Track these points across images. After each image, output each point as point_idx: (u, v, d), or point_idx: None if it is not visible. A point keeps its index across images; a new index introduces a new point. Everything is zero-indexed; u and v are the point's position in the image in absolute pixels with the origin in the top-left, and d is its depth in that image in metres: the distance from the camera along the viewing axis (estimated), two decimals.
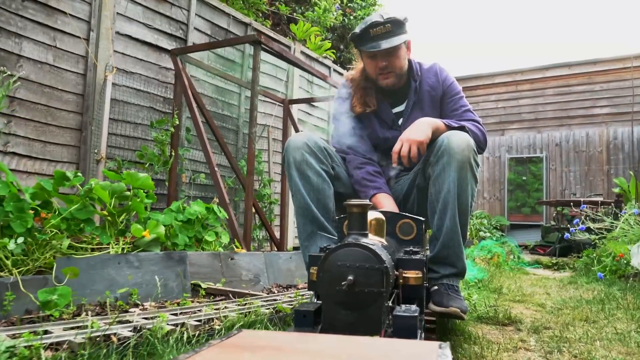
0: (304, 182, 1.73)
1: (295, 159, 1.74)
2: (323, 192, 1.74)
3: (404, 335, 1.01)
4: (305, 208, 1.72)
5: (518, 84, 10.98)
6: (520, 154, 10.57)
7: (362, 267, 1.09)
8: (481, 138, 1.88)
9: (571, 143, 10.14)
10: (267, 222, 4.50)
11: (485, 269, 4.35)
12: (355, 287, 1.07)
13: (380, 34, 1.85)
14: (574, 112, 10.29)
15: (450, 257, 1.68)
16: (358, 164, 1.92)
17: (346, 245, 1.11)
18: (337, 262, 1.10)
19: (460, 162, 1.63)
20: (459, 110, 1.98)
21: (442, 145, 1.66)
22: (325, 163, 1.79)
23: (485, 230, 8.88)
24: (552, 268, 6.04)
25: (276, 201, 4.79)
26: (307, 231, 1.74)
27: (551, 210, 10.02)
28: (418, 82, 2.02)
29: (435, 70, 2.05)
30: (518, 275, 4.79)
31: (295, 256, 3.34)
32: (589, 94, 10.18)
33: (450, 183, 1.64)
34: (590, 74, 10.23)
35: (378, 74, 1.95)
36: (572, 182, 10.01)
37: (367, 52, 1.90)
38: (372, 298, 1.08)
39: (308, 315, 1.10)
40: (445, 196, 1.65)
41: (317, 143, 1.78)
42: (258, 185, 4.79)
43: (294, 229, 5.61)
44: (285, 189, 4.80)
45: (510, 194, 10.48)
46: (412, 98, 2.01)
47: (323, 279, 1.12)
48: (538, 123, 10.62)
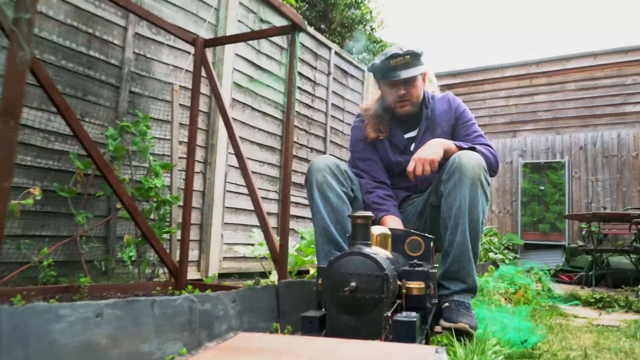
0: (324, 203, 1.83)
1: (317, 180, 1.84)
2: (342, 213, 1.84)
3: (403, 339, 1.08)
4: (325, 228, 1.83)
5: (533, 78, 9.31)
6: (537, 159, 8.79)
7: (364, 274, 1.17)
8: (493, 161, 1.94)
9: (599, 146, 8.38)
10: (152, 235, 2.67)
11: (536, 323, 2.52)
12: (357, 293, 1.16)
13: (399, 64, 1.95)
14: (600, 110, 8.60)
15: (460, 272, 1.73)
16: (369, 188, 2.01)
17: (349, 254, 1.22)
18: (340, 270, 1.20)
19: (471, 179, 1.70)
20: (471, 136, 2.04)
21: (454, 163, 1.74)
22: (345, 185, 1.90)
23: (496, 251, 7.04)
24: (595, 305, 4.34)
25: (176, 200, 2.97)
26: (324, 250, 1.83)
27: (575, 227, 8.21)
28: (430, 109, 2.10)
29: (448, 99, 2.15)
30: (555, 318, 3.06)
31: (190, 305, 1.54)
32: (619, 89, 8.49)
33: (461, 199, 1.70)
34: (620, 64, 8.55)
35: (396, 102, 2.03)
36: (601, 194, 8.21)
37: (387, 81, 2.00)
38: (373, 304, 1.17)
39: (314, 321, 1.20)
40: (456, 212, 1.71)
41: (338, 165, 1.90)
42: (133, 175, 2.96)
43: (221, 247, 3.78)
44: (191, 181, 2.95)
45: (524, 207, 8.65)
46: (424, 124, 2.09)
47: (327, 286, 1.23)
48: (557, 123, 8.92)
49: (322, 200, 1.83)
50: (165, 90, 3.36)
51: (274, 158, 4.51)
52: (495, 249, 6.98)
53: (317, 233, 1.85)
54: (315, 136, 5.15)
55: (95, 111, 2.94)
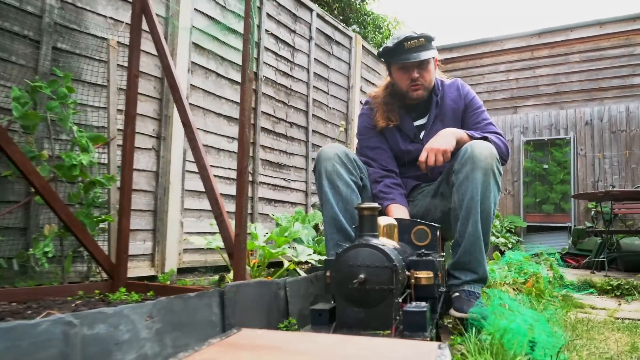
0: (333, 192, 1.81)
1: (326, 169, 1.82)
2: (351, 203, 1.82)
3: (414, 330, 1.09)
4: (334, 218, 1.81)
5: (534, 50, 8.73)
6: (540, 136, 8.24)
7: (372, 266, 1.16)
8: (504, 150, 1.94)
9: (605, 121, 7.84)
10: (77, 225, 2.10)
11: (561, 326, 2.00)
12: (366, 285, 1.15)
13: (414, 47, 1.93)
14: (607, 83, 8.04)
15: (471, 262, 1.73)
16: (377, 178, 1.98)
17: (357, 246, 1.20)
18: (348, 262, 1.19)
19: (483, 169, 1.70)
20: (481, 124, 2.04)
21: (466, 153, 1.73)
22: (355, 174, 1.89)
23: (498, 235, 6.51)
24: (611, 294, 3.85)
25: (110, 181, 2.38)
26: (333, 240, 1.81)
27: (581, 208, 7.69)
28: (439, 96, 2.08)
29: (457, 85, 2.13)
30: (572, 311, 2.71)
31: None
32: (627, 59, 7.89)
33: (473, 190, 1.69)
34: (628, 33, 7.94)
35: (409, 85, 2.00)
36: (608, 172, 7.68)
37: (401, 63, 1.96)
38: (382, 295, 1.16)
39: (324, 314, 1.19)
40: (468, 203, 1.70)
41: (347, 154, 1.88)
42: (54, 150, 2.36)
43: (180, 237, 3.22)
44: (130, 156, 2.35)
45: (526, 187, 8.11)
46: (434, 111, 2.06)
47: (336, 278, 1.21)
48: (561, 97, 8.37)
49: (332, 189, 1.82)
50: (103, 49, 2.75)
51: None
52: (497, 233, 6.45)
53: (326, 223, 1.85)
54: (296, 109, 4.56)
55: (5, 70, 2.34)
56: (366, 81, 5.76)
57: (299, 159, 4.57)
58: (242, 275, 1.97)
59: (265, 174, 4.10)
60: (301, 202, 4.55)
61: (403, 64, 1.96)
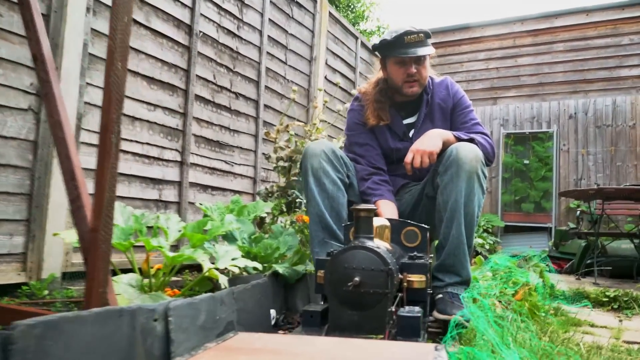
0: (319, 190, 1.81)
1: (312, 166, 1.81)
2: (337, 200, 1.83)
3: (407, 334, 1.07)
4: (320, 215, 1.80)
5: (516, 37, 8.25)
6: (520, 129, 7.70)
7: (368, 269, 1.16)
8: (490, 151, 1.93)
9: (590, 115, 7.35)
10: None
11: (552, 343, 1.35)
12: (361, 288, 1.15)
13: (413, 42, 1.92)
14: (592, 74, 7.60)
15: (455, 265, 1.73)
16: (365, 175, 1.98)
17: (353, 248, 1.20)
18: (343, 264, 1.18)
19: (468, 172, 1.69)
20: (468, 123, 2.04)
21: (451, 155, 1.72)
22: (341, 171, 1.88)
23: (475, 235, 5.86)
24: (608, 306, 3.37)
25: None
26: (318, 237, 1.81)
27: (562, 208, 7.15)
28: (430, 94, 2.08)
29: (447, 84, 2.12)
30: (569, 330, 2.24)
31: None
32: (614, 50, 7.45)
33: (457, 193, 1.69)
34: (615, 22, 7.48)
35: (405, 81, 1.98)
36: (592, 169, 7.18)
37: (399, 57, 1.94)
38: (377, 299, 1.16)
39: (315, 315, 1.19)
40: (452, 205, 1.70)
41: (334, 151, 1.87)
42: None
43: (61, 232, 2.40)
44: None
45: (505, 184, 7.53)
46: (424, 110, 2.07)
47: (330, 280, 1.20)
48: (544, 89, 7.89)
49: (317, 186, 1.81)
50: None
51: (174, 101, 3.10)
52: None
53: (312, 220, 1.84)
54: (243, 77, 3.75)
55: None
56: (333, 54, 5.00)
57: (246, 138, 3.77)
58: (101, 284, 1.19)
59: (200, 153, 3.29)
60: (247, 190, 3.76)
61: (401, 58, 1.93)
